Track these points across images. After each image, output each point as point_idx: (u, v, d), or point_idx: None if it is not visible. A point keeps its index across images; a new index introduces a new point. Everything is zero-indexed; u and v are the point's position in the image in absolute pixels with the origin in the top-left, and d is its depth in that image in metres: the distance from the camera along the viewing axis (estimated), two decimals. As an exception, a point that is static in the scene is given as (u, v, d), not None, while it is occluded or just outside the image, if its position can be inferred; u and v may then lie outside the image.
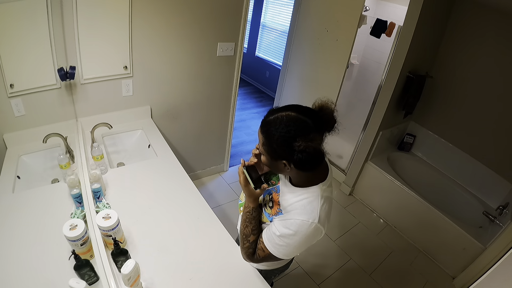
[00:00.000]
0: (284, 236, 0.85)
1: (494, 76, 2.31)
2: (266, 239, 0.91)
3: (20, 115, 1.43)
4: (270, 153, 0.81)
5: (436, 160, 2.82)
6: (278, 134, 0.76)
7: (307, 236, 0.84)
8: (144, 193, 1.42)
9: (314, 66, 2.42)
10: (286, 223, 0.85)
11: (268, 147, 0.80)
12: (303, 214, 0.83)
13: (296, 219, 0.83)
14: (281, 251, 0.89)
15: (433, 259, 2.31)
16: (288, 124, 0.75)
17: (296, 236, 0.84)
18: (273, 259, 0.92)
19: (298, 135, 0.74)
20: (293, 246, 0.86)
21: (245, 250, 0.99)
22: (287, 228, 0.84)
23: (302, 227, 0.82)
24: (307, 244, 0.88)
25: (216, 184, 2.74)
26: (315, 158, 0.74)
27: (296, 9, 2.48)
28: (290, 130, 0.74)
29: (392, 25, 2.67)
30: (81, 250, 0.99)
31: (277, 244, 0.88)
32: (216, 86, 2.29)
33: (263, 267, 1.14)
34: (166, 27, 1.80)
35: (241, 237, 1.00)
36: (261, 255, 0.94)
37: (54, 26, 1.36)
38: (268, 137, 0.79)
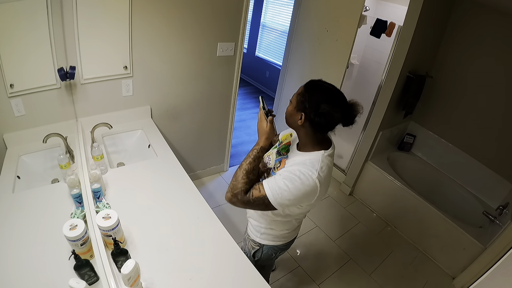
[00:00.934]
0: (286, 179, 0.93)
1: (494, 76, 2.31)
2: (265, 182, 0.98)
3: (20, 115, 1.44)
4: (298, 103, 0.96)
5: (436, 160, 2.82)
6: (318, 93, 0.93)
7: (305, 188, 0.93)
8: (144, 193, 1.42)
9: (314, 66, 2.42)
10: (291, 170, 0.95)
11: (301, 97, 0.95)
12: (304, 167, 0.94)
13: (298, 169, 0.94)
14: (276, 195, 0.94)
15: (433, 259, 2.31)
16: (330, 93, 0.94)
17: (297, 183, 0.92)
18: (262, 205, 0.98)
19: (329, 104, 0.90)
20: (290, 192, 0.93)
21: (241, 185, 1.00)
22: (291, 173, 0.94)
23: (304, 176, 0.93)
24: (301, 197, 0.95)
25: (216, 184, 2.74)
26: (325, 125, 0.93)
27: (296, 9, 2.48)
28: (328, 98, 0.92)
29: (392, 25, 2.67)
30: (81, 250, 0.99)
31: (277, 186, 0.94)
32: (216, 86, 2.29)
33: (268, 241, 1.22)
34: (166, 27, 1.80)
35: (240, 172, 1.02)
36: (255, 195, 0.98)
37: (54, 26, 1.36)
38: (308, 90, 0.95)
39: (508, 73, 2.22)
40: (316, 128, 0.95)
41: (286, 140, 1.14)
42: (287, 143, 1.13)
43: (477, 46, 2.34)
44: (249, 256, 1.31)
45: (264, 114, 1.07)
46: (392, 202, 2.57)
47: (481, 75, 2.37)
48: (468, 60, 2.42)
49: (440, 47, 2.55)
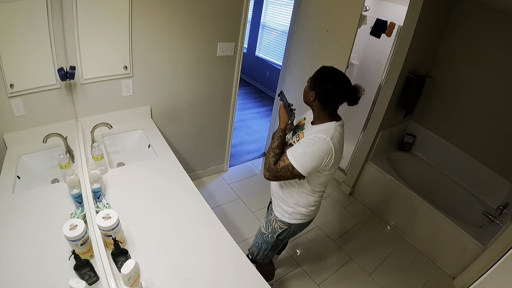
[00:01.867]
0: (305, 145, 1.13)
1: (494, 76, 2.31)
2: (288, 152, 1.16)
3: (20, 115, 1.44)
4: (311, 83, 1.17)
5: (436, 160, 2.82)
6: (326, 75, 1.14)
7: (321, 148, 1.10)
8: (144, 193, 1.42)
9: (314, 66, 2.40)
10: (308, 137, 1.16)
11: (313, 78, 1.17)
12: (320, 133, 1.14)
13: (315, 135, 1.14)
14: (298, 159, 1.11)
15: (433, 259, 2.31)
16: (335, 75, 1.14)
17: (314, 146, 1.11)
18: (288, 171, 1.14)
19: (333, 84, 1.12)
20: (309, 154, 1.11)
21: (270, 159, 1.20)
22: (309, 139, 1.14)
23: (319, 139, 1.12)
24: (319, 158, 1.11)
25: (216, 184, 2.74)
26: (330, 100, 1.14)
27: (296, 9, 2.47)
28: (333, 79, 1.13)
29: (392, 25, 2.67)
30: (81, 250, 0.99)
31: (297, 153, 1.13)
32: (216, 86, 2.29)
33: (296, 220, 1.36)
34: (166, 27, 1.80)
35: (268, 152, 1.24)
36: (281, 165, 1.16)
37: (54, 26, 1.36)
38: (319, 73, 1.16)
39: (508, 73, 2.22)
40: (323, 103, 1.15)
41: (301, 123, 1.36)
42: (302, 124, 1.34)
43: (477, 46, 2.34)
44: (270, 237, 1.44)
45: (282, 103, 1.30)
46: (392, 202, 2.57)
47: (481, 75, 2.37)
48: (468, 60, 2.42)
49: (440, 47, 2.55)
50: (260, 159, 3.22)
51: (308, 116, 1.34)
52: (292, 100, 1.40)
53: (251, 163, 3.13)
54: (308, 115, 1.36)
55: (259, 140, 3.57)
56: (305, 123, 1.32)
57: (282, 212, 1.37)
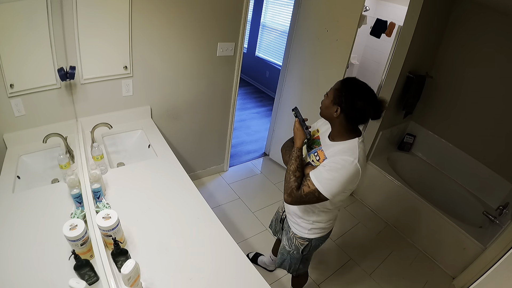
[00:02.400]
0: (332, 170, 1.04)
1: (494, 76, 2.31)
2: (313, 176, 1.08)
3: (20, 115, 1.43)
4: (335, 97, 1.08)
5: (436, 160, 2.82)
6: (354, 90, 1.05)
7: (349, 172, 1.04)
8: (144, 193, 1.42)
9: (314, 66, 2.42)
10: (333, 160, 1.07)
11: (338, 92, 1.07)
12: (346, 155, 1.05)
13: (341, 157, 1.05)
14: (325, 185, 1.05)
15: (433, 259, 2.31)
16: (364, 91, 1.06)
17: (342, 170, 1.04)
18: (314, 197, 1.08)
19: (364, 101, 1.04)
20: (337, 180, 1.04)
21: (291, 184, 1.12)
22: (335, 163, 1.05)
23: (347, 162, 1.04)
24: (348, 183, 1.05)
25: (216, 184, 2.74)
26: (359, 119, 1.07)
27: (296, 9, 2.47)
28: (362, 95, 1.05)
29: (392, 25, 2.67)
30: (81, 250, 0.99)
31: (324, 178, 1.05)
32: (216, 86, 2.29)
33: (316, 235, 1.32)
34: (166, 27, 1.80)
35: (288, 174, 1.15)
36: (305, 191, 1.09)
37: (54, 26, 1.36)
38: (344, 86, 1.07)
39: (508, 73, 2.22)
40: (351, 121, 1.08)
41: (314, 136, 1.28)
42: (316, 137, 1.26)
43: (477, 46, 2.34)
44: (296, 253, 1.40)
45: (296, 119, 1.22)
46: (392, 202, 2.57)
47: (481, 75, 2.37)
48: (468, 60, 2.42)
49: (440, 47, 2.55)
50: (260, 159, 3.22)
51: (321, 127, 1.27)
52: (292, 101, 1.39)
53: (251, 163, 3.13)
54: (321, 126, 1.29)
55: (259, 140, 3.57)
56: (319, 136, 1.25)
57: (300, 229, 1.34)
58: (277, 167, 3.09)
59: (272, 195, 2.70)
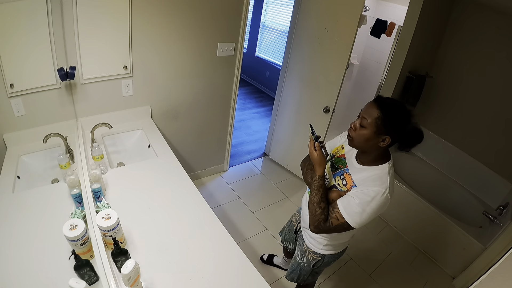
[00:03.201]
0: (362, 203, 0.98)
1: (494, 76, 2.31)
2: (342, 208, 1.02)
3: (20, 115, 1.43)
4: (379, 127, 0.95)
5: (436, 160, 2.82)
6: (402, 115, 0.95)
7: (379, 204, 0.98)
8: (144, 193, 1.42)
9: (314, 66, 2.42)
10: (363, 191, 0.99)
11: (382, 121, 0.94)
12: (377, 185, 0.98)
13: (372, 188, 0.98)
14: (355, 218, 1.00)
15: (433, 259, 2.31)
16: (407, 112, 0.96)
17: (372, 203, 0.97)
18: (343, 228, 1.03)
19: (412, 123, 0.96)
20: (367, 212, 0.98)
21: (318, 217, 1.05)
22: (365, 195, 0.98)
23: (378, 194, 0.97)
24: (377, 212, 1.00)
25: (216, 184, 2.74)
26: (413, 142, 0.99)
27: (296, 9, 2.47)
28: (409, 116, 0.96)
29: (392, 25, 2.67)
30: (81, 250, 0.99)
31: (353, 212, 0.99)
32: (216, 86, 2.29)
33: (329, 251, 1.27)
34: (166, 27, 1.80)
35: (312, 206, 1.07)
36: (334, 223, 1.03)
37: (54, 26, 1.36)
38: (388, 113, 0.94)
39: (508, 73, 2.22)
40: (403, 145, 1.01)
41: (339, 153, 1.18)
42: (341, 155, 1.16)
43: (477, 46, 2.34)
44: (307, 265, 1.36)
45: (313, 141, 1.08)
46: (392, 202, 2.55)
47: (481, 74, 2.37)
48: (468, 60, 2.42)
49: (440, 47, 2.55)
50: (260, 159, 3.22)
51: (346, 143, 1.14)
52: (292, 101, 1.38)
53: (251, 163, 3.13)
54: (345, 142, 1.15)
55: (259, 140, 3.57)
56: (345, 155, 1.14)
57: (315, 244, 1.29)
58: (277, 167, 3.10)
59: (272, 195, 2.70)
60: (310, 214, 1.08)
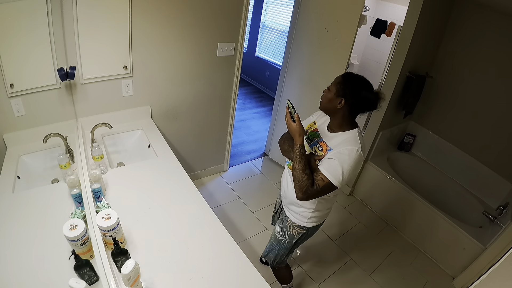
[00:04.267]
0: (340, 161, 1.10)
1: (494, 76, 2.31)
2: (324, 170, 1.12)
3: (20, 115, 1.43)
4: (338, 90, 1.14)
5: (436, 160, 2.82)
6: (356, 82, 1.13)
7: (355, 160, 1.11)
8: (144, 193, 1.42)
9: (314, 66, 2.42)
10: (339, 151, 1.13)
11: (341, 85, 1.14)
12: (350, 144, 1.13)
13: (346, 147, 1.12)
14: (337, 176, 1.10)
15: (433, 259, 2.31)
16: (365, 82, 1.14)
17: (349, 160, 1.10)
18: (329, 188, 1.13)
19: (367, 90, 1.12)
20: (346, 169, 1.10)
21: (305, 182, 1.13)
22: (341, 154, 1.11)
23: (352, 152, 1.11)
24: (355, 168, 1.13)
25: (216, 184, 2.74)
26: (364, 108, 1.15)
27: (296, 9, 2.47)
28: (366, 86, 1.13)
29: (392, 25, 2.67)
30: (81, 250, 0.99)
31: (335, 170, 1.10)
32: (216, 86, 2.29)
33: (314, 223, 1.36)
34: (166, 27, 1.80)
35: (298, 174, 1.15)
36: (320, 185, 1.12)
37: (54, 26, 1.36)
38: (347, 80, 1.14)
39: (508, 73, 2.22)
40: (353, 111, 1.15)
41: (312, 128, 1.32)
42: (314, 129, 1.30)
43: (477, 46, 2.34)
44: (288, 242, 1.44)
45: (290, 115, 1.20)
46: (392, 202, 2.57)
47: (481, 74, 2.37)
48: (468, 60, 2.42)
49: (440, 47, 2.55)
50: (260, 159, 3.22)
51: (318, 120, 1.32)
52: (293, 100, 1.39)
53: (251, 163, 3.13)
54: (317, 119, 1.33)
55: (259, 140, 3.57)
56: (317, 129, 1.29)
57: (300, 218, 1.36)
58: (277, 167, 3.09)
59: (272, 195, 2.70)
60: (296, 182, 1.15)
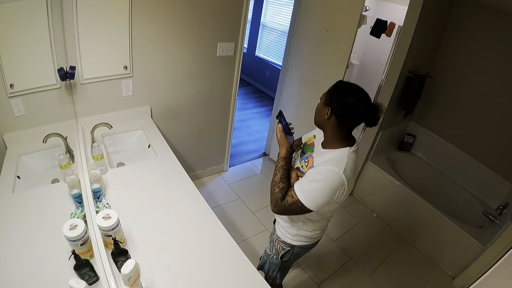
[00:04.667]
0: (314, 180, 0.99)
1: (494, 76, 2.31)
2: (296, 187, 1.04)
3: (20, 115, 1.43)
4: (326, 99, 1.03)
5: (436, 160, 2.82)
6: (344, 89, 1.01)
7: (332, 184, 0.98)
8: (144, 193, 1.42)
9: (314, 66, 2.42)
10: (316, 170, 1.01)
11: (329, 93, 1.02)
12: (331, 164, 1.00)
13: (325, 167, 1.00)
14: (308, 196, 1.00)
15: (433, 259, 2.31)
16: (355, 89, 1.00)
17: (324, 181, 0.98)
18: (298, 208, 1.03)
19: (354, 97, 0.98)
20: (319, 191, 0.99)
21: (275, 195, 1.08)
22: (318, 173, 1.00)
23: (330, 173, 0.98)
24: (331, 194, 1.00)
25: (216, 184, 2.74)
26: (349, 116, 0.99)
27: (296, 9, 2.47)
28: (352, 92, 0.99)
29: (392, 25, 2.67)
30: (81, 250, 0.99)
31: (306, 189, 1.01)
32: (216, 86, 2.29)
33: (299, 242, 1.26)
34: (166, 27, 1.80)
35: (271, 185, 1.12)
36: (289, 201, 1.05)
37: (54, 26, 1.36)
38: (336, 87, 1.02)
39: (508, 73, 2.22)
40: (341, 120, 1.00)
41: (310, 141, 1.23)
42: (311, 143, 1.21)
43: (477, 46, 2.34)
44: (275, 258, 1.36)
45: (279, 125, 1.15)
46: (392, 202, 2.57)
47: (481, 74, 2.37)
48: (468, 60, 2.42)
49: (440, 47, 2.55)
50: (260, 159, 3.22)
51: (318, 133, 1.22)
52: (292, 101, 1.39)
53: (251, 163, 3.13)
54: (318, 132, 1.24)
55: (259, 140, 3.57)
56: (314, 143, 1.19)
57: (284, 233, 1.29)
58: (277, 167, 3.09)
59: (272, 195, 2.69)
60: (270, 193, 1.12)
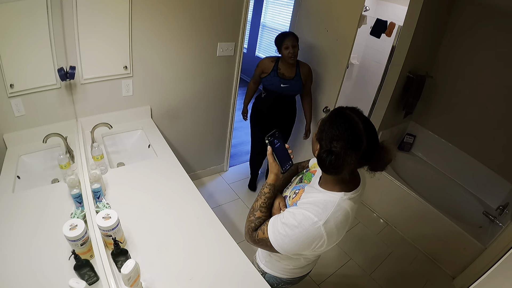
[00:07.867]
0: (287, 225, 0.83)
1: (494, 76, 2.31)
2: (270, 224, 0.89)
3: (20, 115, 1.43)
4: (320, 131, 0.82)
5: (436, 160, 2.82)
6: (337, 125, 0.76)
7: (307, 234, 0.81)
8: (144, 193, 1.42)
9: (314, 66, 2.42)
10: (293, 212, 0.84)
11: (323, 126, 0.81)
12: (312, 210, 0.81)
13: (304, 212, 0.82)
14: (278, 239, 0.85)
15: (433, 259, 2.31)
16: (349, 127, 0.75)
17: (297, 229, 0.81)
18: (267, 247, 0.90)
19: (344, 141, 0.74)
20: (290, 238, 0.83)
21: (248, 223, 0.96)
22: (293, 218, 0.83)
23: (307, 221, 0.80)
24: (304, 244, 0.83)
25: (216, 184, 2.74)
26: (329, 166, 0.74)
27: (296, 9, 2.47)
28: (344, 132, 0.75)
29: (392, 25, 2.67)
30: (81, 250, 0.99)
31: (277, 231, 0.86)
32: (216, 86, 2.29)
33: (270, 271, 1.12)
34: (166, 27, 1.80)
35: (250, 211, 0.99)
36: (259, 236, 0.91)
37: (54, 26, 1.36)
38: (330, 120, 0.80)
39: (508, 73, 2.22)
40: (320, 163, 0.77)
41: (313, 169, 1.04)
42: (313, 171, 1.02)
43: (477, 46, 2.34)
44: None
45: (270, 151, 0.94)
46: (392, 202, 2.57)
47: (481, 75, 2.37)
48: (468, 60, 2.42)
49: (440, 47, 2.55)
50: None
51: None
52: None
53: (251, 163, 3.13)
54: None
55: (259, 140, 3.57)
56: (316, 172, 0.99)
57: (259, 255, 1.17)
58: (277, 167, 3.09)
59: (272, 195, 2.69)
60: (246, 218, 0.99)
